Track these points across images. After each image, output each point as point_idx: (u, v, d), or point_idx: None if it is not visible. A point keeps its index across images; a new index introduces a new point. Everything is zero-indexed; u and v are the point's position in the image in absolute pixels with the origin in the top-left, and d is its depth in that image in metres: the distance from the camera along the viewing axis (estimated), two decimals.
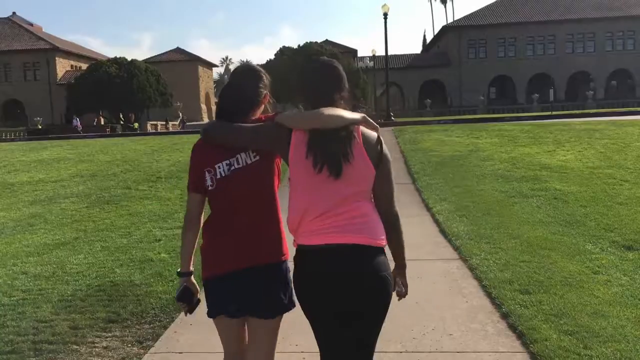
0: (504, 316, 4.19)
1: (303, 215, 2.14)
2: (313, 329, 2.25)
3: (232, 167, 2.28)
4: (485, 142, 14.58)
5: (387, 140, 15.90)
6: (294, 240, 2.23)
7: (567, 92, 54.71)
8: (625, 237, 6.11)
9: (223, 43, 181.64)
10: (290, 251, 2.37)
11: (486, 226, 6.88)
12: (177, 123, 47.44)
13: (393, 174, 2.23)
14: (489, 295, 4.65)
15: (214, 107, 69.88)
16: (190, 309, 2.42)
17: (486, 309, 4.41)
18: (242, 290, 2.29)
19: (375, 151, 2.16)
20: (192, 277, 2.40)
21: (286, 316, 2.43)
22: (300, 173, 2.14)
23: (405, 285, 2.37)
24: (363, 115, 2.19)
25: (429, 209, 8.27)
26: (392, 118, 31.36)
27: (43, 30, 61.15)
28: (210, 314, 2.37)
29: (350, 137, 2.11)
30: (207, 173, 2.30)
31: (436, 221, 7.50)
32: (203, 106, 64.04)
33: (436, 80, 56.88)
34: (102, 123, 42.89)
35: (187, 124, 47.77)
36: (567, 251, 5.71)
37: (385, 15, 30.37)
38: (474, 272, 5.25)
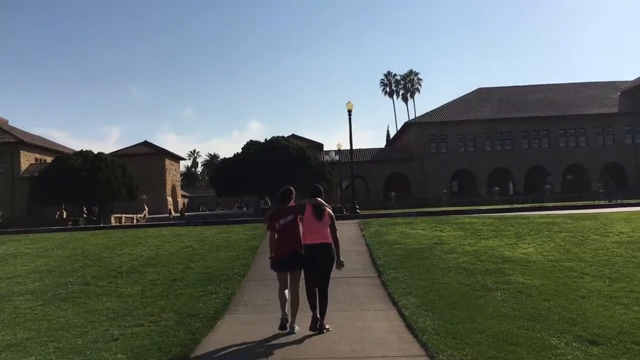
0: None
1: (307, 232, 6.83)
2: (305, 274, 6.87)
3: (285, 221, 6.84)
4: (449, 235, 14.76)
5: (353, 233, 16.05)
6: (303, 242, 6.82)
7: (525, 185, 56.59)
8: (588, 332, 6.15)
9: (191, 137, 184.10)
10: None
11: (452, 320, 6.84)
12: (141, 216, 46.83)
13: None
14: None
15: (180, 200, 70.38)
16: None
17: None
18: (287, 261, 6.81)
19: (330, 215, 6.91)
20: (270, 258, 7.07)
21: None
22: (308, 219, 6.84)
23: (341, 262, 6.96)
24: (328, 205, 7.04)
25: (395, 303, 8.21)
26: (358, 210, 31.63)
27: (9, 123, 61.07)
28: (274, 269, 6.98)
29: (324, 209, 6.89)
30: (277, 223, 6.85)
31: (402, 316, 7.43)
32: (169, 198, 63.70)
33: (400, 174, 58.32)
34: (64, 216, 42.03)
35: (149, 216, 47.33)
36: (533, 346, 5.70)
37: (350, 112, 31.50)
38: None
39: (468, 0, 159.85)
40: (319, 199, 6.90)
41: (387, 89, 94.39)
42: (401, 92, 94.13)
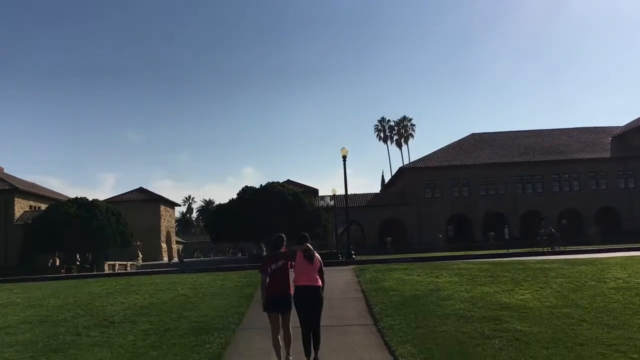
0: None
1: (299, 275, 7.66)
2: (298, 315, 7.58)
3: (276, 266, 7.62)
4: (445, 281, 14.67)
5: (349, 279, 15.94)
6: (295, 284, 7.64)
7: (521, 229, 56.51)
8: None
9: (186, 183, 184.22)
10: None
11: None
12: (135, 263, 46.43)
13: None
14: None
15: (174, 246, 69.85)
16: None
17: None
18: (278, 303, 7.53)
19: (318, 258, 7.81)
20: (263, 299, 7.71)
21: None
22: (299, 263, 7.68)
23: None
24: (314, 252, 7.89)
25: (392, 352, 8.09)
26: (353, 256, 31.42)
27: (4, 171, 61.10)
28: (266, 311, 7.60)
29: (313, 253, 7.77)
30: (269, 268, 7.60)
31: None
32: (164, 245, 63.24)
33: (395, 219, 58.23)
34: (57, 264, 41.56)
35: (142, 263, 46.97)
36: None
37: (345, 157, 31.70)
38: None
39: (460, 47, 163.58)
40: (307, 244, 7.82)
41: (381, 135, 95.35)
42: (395, 138, 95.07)
